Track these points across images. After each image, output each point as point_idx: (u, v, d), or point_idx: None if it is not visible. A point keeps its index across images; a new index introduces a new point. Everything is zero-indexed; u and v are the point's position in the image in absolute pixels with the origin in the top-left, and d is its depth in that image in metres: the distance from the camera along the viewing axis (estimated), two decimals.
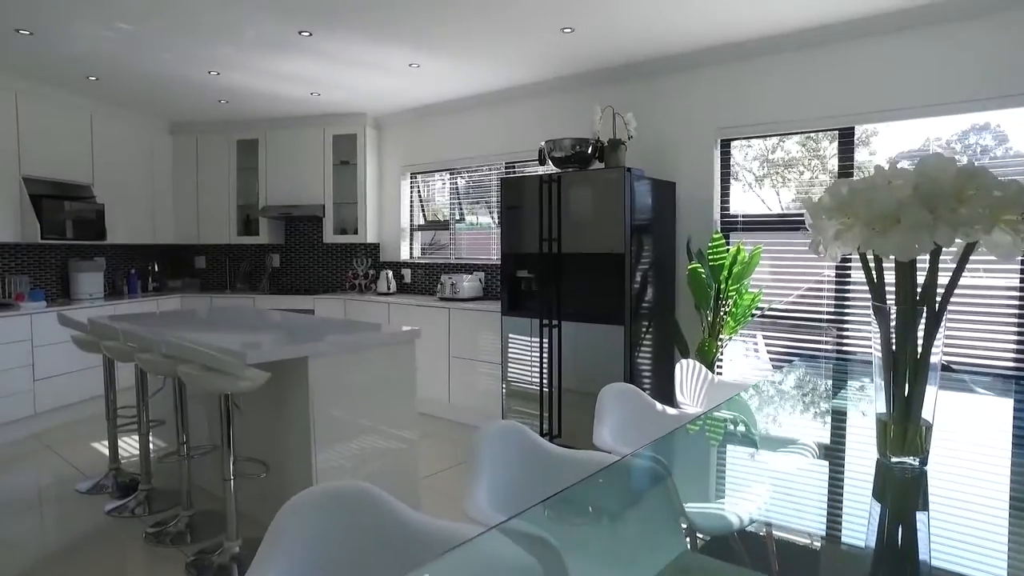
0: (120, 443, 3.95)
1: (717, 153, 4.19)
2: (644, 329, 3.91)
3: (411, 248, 6.07)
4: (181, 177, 6.34)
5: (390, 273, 5.78)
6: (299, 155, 6.01)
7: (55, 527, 3.17)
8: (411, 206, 6.05)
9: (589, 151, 4.10)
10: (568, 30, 3.72)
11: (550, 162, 4.23)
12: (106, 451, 4.20)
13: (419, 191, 6.02)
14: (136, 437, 3.54)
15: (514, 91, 5.05)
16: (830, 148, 3.84)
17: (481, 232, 5.53)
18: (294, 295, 5.85)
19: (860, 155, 3.72)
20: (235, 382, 2.52)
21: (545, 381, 4.11)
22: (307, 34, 3.76)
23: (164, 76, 4.65)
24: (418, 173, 5.96)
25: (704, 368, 3.11)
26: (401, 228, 6.02)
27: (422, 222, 6.03)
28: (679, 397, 2.82)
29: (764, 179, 4.16)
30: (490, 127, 5.31)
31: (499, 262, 5.29)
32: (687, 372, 2.99)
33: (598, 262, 3.83)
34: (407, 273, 5.98)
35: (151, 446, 3.51)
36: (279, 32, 3.73)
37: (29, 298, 4.90)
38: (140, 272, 6.30)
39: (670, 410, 2.57)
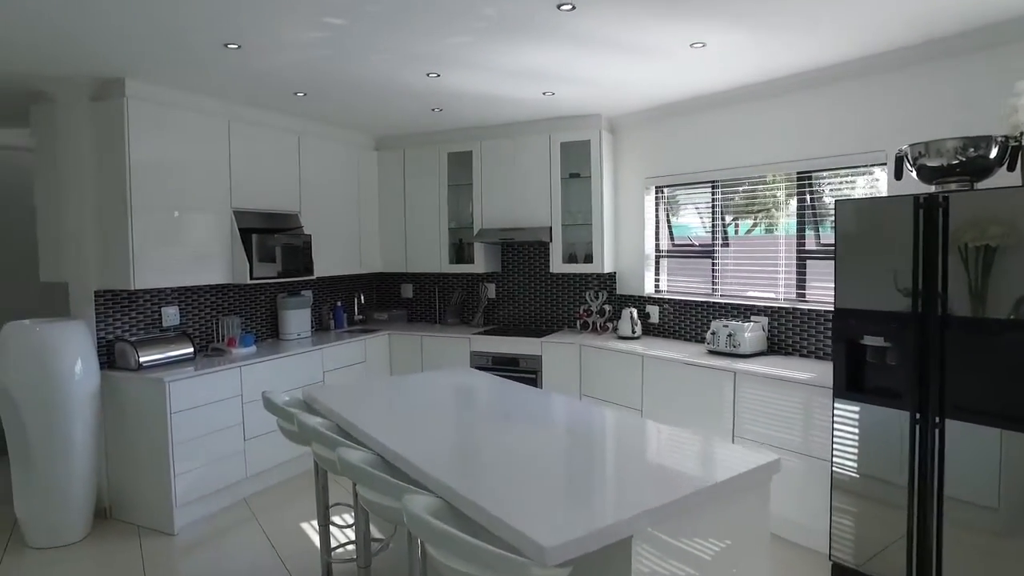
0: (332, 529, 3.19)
1: None
2: None
3: (657, 280, 4.86)
4: (387, 198, 5.68)
5: (634, 312, 4.61)
6: (520, 168, 5.05)
7: None
8: (656, 228, 4.84)
9: (992, 155, 2.61)
10: None
11: (913, 174, 2.81)
12: (314, 537, 3.54)
13: (667, 209, 4.79)
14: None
15: (821, 73, 3.62)
16: None
17: (756, 259, 4.17)
18: (515, 336, 4.90)
19: None
20: None
21: (914, 507, 2.70)
22: (568, 7, 2.70)
23: (376, 84, 3.88)
24: (666, 186, 4.73)
25: None
26: (644, 255, 4.83)
27: (671, 247, 4.80)
28: None
29: None
30: (776, 126, 3.92)
31: (786, 303, 3.93)
32: None
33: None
34: (653, 311, 4.79)
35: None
36: (531, 7, 2.71)
37: (240, 343, 4.42)
38: (346, 304, 5.76)
39: None
